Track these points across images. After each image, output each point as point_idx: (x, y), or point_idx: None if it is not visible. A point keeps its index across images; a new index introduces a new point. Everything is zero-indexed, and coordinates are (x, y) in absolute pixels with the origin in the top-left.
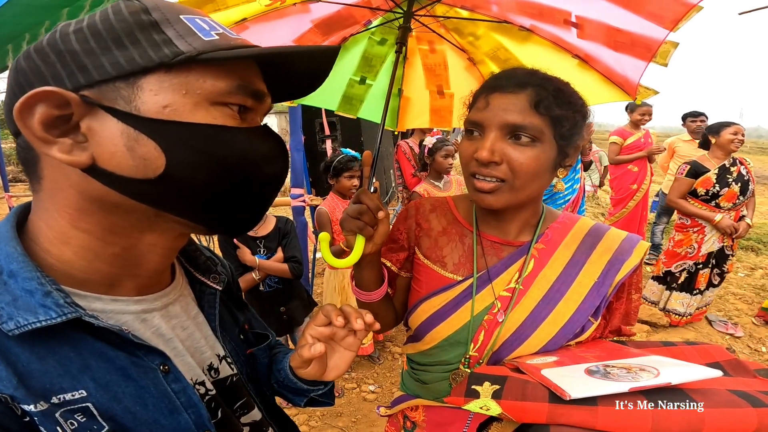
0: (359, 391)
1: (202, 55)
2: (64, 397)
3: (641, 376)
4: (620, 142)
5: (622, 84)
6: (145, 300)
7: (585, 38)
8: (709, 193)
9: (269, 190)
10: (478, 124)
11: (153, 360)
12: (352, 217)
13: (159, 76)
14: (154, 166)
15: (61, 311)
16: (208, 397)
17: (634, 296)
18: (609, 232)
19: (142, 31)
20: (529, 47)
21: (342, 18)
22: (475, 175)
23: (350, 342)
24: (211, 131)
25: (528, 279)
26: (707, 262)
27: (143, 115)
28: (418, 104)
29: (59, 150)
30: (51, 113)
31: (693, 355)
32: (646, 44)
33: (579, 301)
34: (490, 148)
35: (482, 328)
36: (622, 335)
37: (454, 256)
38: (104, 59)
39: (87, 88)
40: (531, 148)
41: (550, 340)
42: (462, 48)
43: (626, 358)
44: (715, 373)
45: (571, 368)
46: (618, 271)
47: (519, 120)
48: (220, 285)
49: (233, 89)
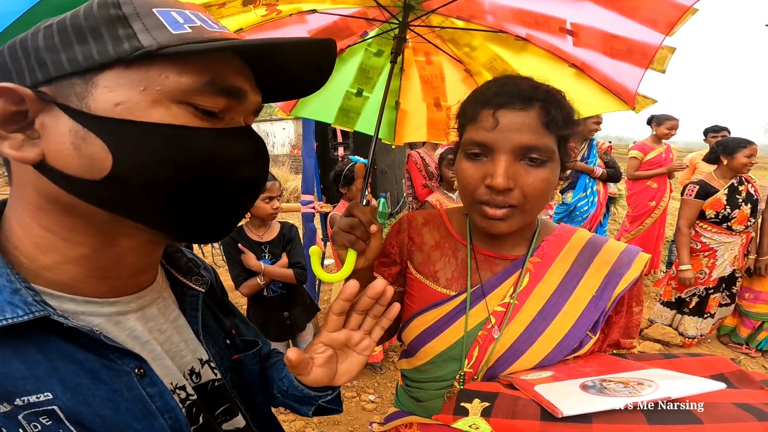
0: (359, 400)
1: (164, 50)
2: (28, 399)
3: (639, 391)
4: (640, 157)
5: (619, 93)
6: (119, 302)
7: (581, 46)
8: (720, 215)
9: (241, 195)
10: (486, 146)
11: (128, 363)
12: (344, 231)
13: (117, 73)
14: (101, 166)
15: (28, 309)
16: (188, 402)
17: (635, 309)
18: (607, 244)
19: (108, 26)
20: (526, 57)
21: (339, 29)
22: (485, 203)
23: (365, 345)
24: (167, 131)
25: (523, 294)
26: (718, 287)
27: (93, 113)
28: (415, 117)
29: (9, 146)
30: (7, 109)
31: (696, 367)
32: (643, 50)
33: (576, 316)
34: (505, 175)
35: (476, 343)
36: (622, 348)
37: (447, 271)
38: (63, 55)
39: (45, 85)
40: (542, 169)
41: (547, 355)
42: (458, 59)
43: (625, 371)
44: (718, 385)
45: (566, 383)
46: (617, 285)
47: (533, 141)
48: (203, 287)
49: (201, 86)
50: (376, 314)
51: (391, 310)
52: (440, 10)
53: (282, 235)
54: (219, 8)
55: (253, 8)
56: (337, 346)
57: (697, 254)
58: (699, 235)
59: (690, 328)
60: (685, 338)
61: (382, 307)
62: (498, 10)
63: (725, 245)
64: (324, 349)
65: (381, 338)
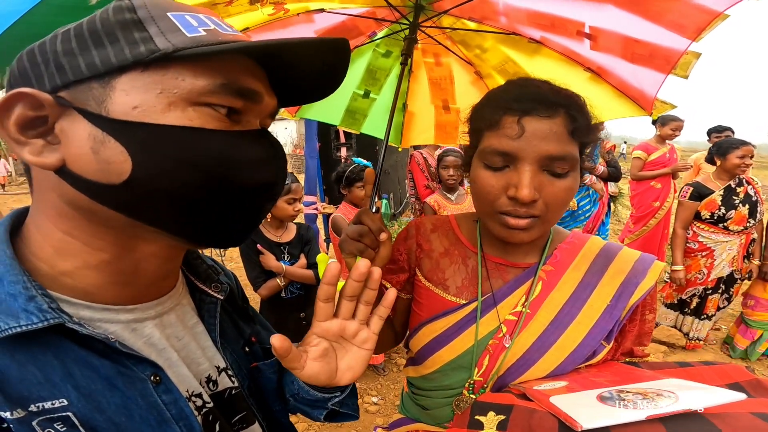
0: (362, 402)
1: (180, 52)
2: (43, 405)
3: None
4: (644, 157)
5: (637, 98)
6: (137, 309)
7: (599, 50)
8: (715, 216)
9: (258, 199)
10: (510, 155)
11: (143, 370)
12: (352, 238)
13: (133, 76)
14: (119, 170)
15: (43, 316)
16: (205, 410)
17: (648, 317)
18: (621, 252)
19: (123, 30)
20: (539, 60)
21: (347, 29)
22: (506, 213)
23: (363, 338)
24: (183, 134)
25: (535, 302)
26: (717, 288)
27: (111, 117)
28: (422, 119)
29: (29, 151)
30: (27, 114)
31: (711, 377)
32: (666, 56)
33: (590, 325)
34: (531, 186)
35: (487, 352)
36: (635, 357)
37: (457, 279)
38: (81, 59)
39: (63, 89)
40: (566, 179)
41: (559, 365)
42: (469, 61)
43: (641, 381)
44: (738, 396)
45: (582, 394)
46: (632, 294)
47: (559, 151)
48: (222, 294)
49: (215, 88)
50: (367, 300)
51: (387, 298)
52: (452, 11)
53: (300, 235)
54: (226, 6)
55: (260, 6)
56: (332, 338)
57: (695, 254)
58: (696, 235)
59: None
60: (688, 340)
61: (373, 292)
62: (512, 12)
63: (722, 245)
64: (317, 341)
65: (387, 345)
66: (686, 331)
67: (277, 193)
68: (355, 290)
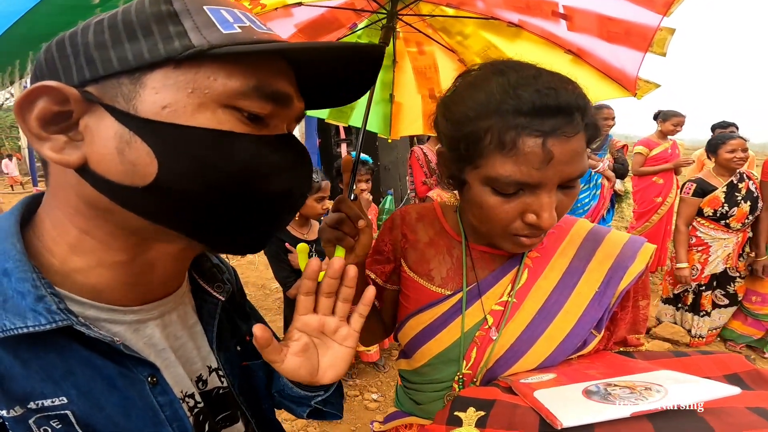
0: (361, 399)
1: (215, 50)
2: (42, 402)
3: (646, 397)
4: (645, 153)
5: (619, 79)
6: (142, 309)
7: (576, 30)
8: (718, 213)
9: (282, 206)
10: (533, 186)
11: (142, 371)
12: (331, 226)
13: (166, 73)
14: (144, 173)
15: (51, 318)
16: (196, 410)
17: (641, 303)
18: (609, 235)
19: (158, 23)
20: (520, 44)
21: (327, 21)
22: (521, 235)
23: (344, 334)
24: (212, 137)
25: (522, 291)
26: (710, 284)
27: (139, 115)
28: (410, 110)
29: (50, 148)
30: (50, 109)
31: (709, 366)
32: (641, 32)
33: (579, 314)
34: (552, 210)
35: (474, 344)
36: (629, 346)
37: (442, 269)
38: (113, 53)
39: (92, 84)
40: (575, 189)
41: (549, 356)
42: (451, 48)
43: (633, 373)
44: (733, 390)
45: (568, 389)
46: (621, 279)
47: (580, 171)
48: (224, 295)
49: (248, 90)
50: (346, 298)
51: (366, 295)
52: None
53: None
54: None
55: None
56: (313, 333)
57: (690, 249)
58: (695, 230)
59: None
60: (691, 337)
61: (350, 290)
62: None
63: (719, 242)
64: (298, 335)
65: (377, 337)
66: (688, 328)
67: (303, 202)
68: (331, 287)
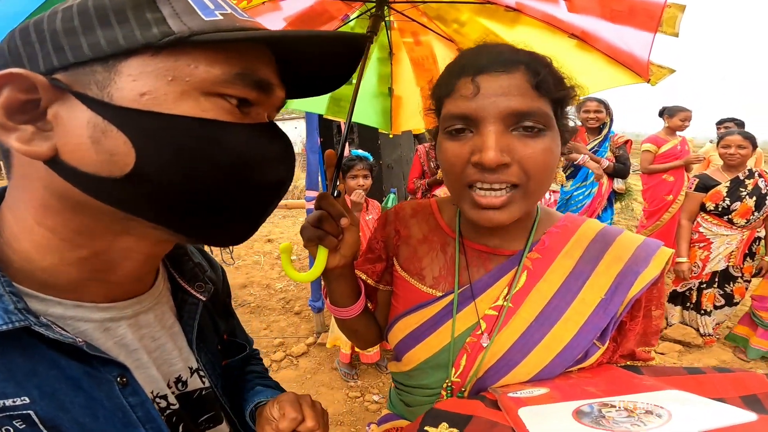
0: (362, 400)
1: (195, 37)
2: (4, 402)
3: (645, 422)
4: (654, 150)
5: (629, 64)
6: (113, 307)
7: (577, 11)
8: (719, 207)
9: (266, 197)
10: (469, 117)
11: (110, 371)
12: (312, 225)
13: (143, 60)
14: (122, 163)
15: (8, 318)
16: (168, 412)
17: (654, 313)
18: (621, 236)
19: (135, 9)
20: (520, 30)
21: (317, 14)
22: (475, 186)
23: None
24: (195, 126)
25: (519, 295)
26: (711, 282)
27: (115, 104)
28: (410, 103)
29: (17, 138)
30: (16, 97)
31: (725, 386)
32: (646, 10)
33: (581, 322)
34: (497, 146)
35: (464, 351)
36: (637, 360)
37: (434, 268)
38: (84, 39)
39: (61, 71)
40: (541, 138)
41: (545, 367)
42: (448, 37)
43: (636, 392)
44: (749, 416)
45: (558, 407)
46: (631, 285)
47: (524, 105)
48: (204, 295)
49: (231, 78)
50: None
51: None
52: None
53: None
54: None
55: None
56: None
57: (692, 245)
58: (698, 225)
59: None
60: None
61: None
62: None
63: (721, 238)
64: None
65: (372, 340)
66: (696, 327)
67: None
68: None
